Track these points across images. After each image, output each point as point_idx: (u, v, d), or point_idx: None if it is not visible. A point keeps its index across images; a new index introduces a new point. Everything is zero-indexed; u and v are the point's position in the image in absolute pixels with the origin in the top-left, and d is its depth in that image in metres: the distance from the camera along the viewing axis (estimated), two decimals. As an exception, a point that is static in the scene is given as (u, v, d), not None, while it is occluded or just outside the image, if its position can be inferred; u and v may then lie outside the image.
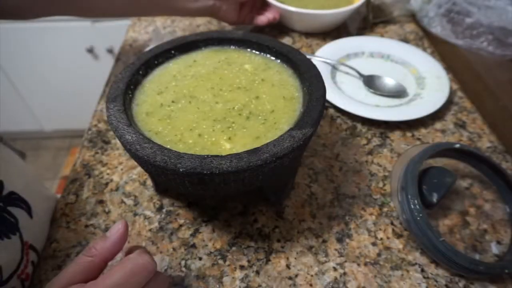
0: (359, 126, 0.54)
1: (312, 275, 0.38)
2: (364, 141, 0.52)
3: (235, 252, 0.40)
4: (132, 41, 0.72)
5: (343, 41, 0.66)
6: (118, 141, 0.52)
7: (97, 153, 0.50)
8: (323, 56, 0.62)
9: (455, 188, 0.45)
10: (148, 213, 0.43)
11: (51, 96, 1.53)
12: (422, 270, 0.38)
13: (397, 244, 0.40)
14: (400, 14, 0.75)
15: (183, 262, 0.39)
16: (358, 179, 0.47)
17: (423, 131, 0.53)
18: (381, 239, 0.41)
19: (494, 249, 0.40)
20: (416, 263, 0.39)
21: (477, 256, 0.39)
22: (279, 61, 0.44)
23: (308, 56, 0.46)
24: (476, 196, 0.45)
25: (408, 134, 0.53)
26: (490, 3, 0.61)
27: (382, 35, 0.72)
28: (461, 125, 0.54)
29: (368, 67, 0.62)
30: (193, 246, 0.40)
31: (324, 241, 0.41)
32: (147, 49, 0.47)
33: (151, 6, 0.57)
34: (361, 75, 0.59)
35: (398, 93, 0.57)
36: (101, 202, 0.45)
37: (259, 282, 0.37)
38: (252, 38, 0.45)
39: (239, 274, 0.38)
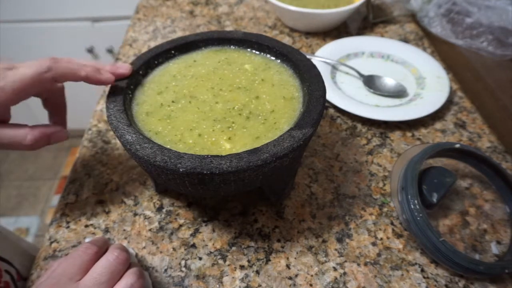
0: (359, 126, 0.54)
1: (312, 275, 0.38)
2: (364, 141, 0.52)
3: (235, 252, 0.40)
4: (132, 41, 0.72)
5: (343, 41, 0.66)
6: (118, 141, 0.52)
7: (97, 153, 0.50)
8: (323, 56, 0.62)
9: (455, 188, 0.45)
10: (148, 213, 0.43)
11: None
12: (422, 270, 0.38)
13: (397, 244, 0.40)
14: (400, 14, 0.75)
15: (183, 262, 0.39)
16: (358, 179, 0.47)
17: (423, 131, 0.53)
18: (381, 239, 0.41)
19: (494, 249, 0.40)
20: (416, 263, 0.39)
21: (477, 256, 0.39)
22: (279, 61, 0.44)
23: (308, 56, 0.46)
24: (476, 196, 0.45)
25: (408, 134, 0.53)
26: (490, 3, 0.61)
27: (382, 35, 0.72)
28: (461, 125, 0.54)
29: (368, 67, 0.62)
30: (193, 246, 0.40)
31: (324, 241, 0.41)
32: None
33: None
34: (361, 75, 0.59)
35: (398, 93, 0.57)
36: (101, 202, 0.45)
37: (259, 282, 0.37)
38: (252, 38, 0.45)
39: (239, 274, 0.38)
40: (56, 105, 0.40)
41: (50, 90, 0.38)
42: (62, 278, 0.29)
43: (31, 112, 0.67)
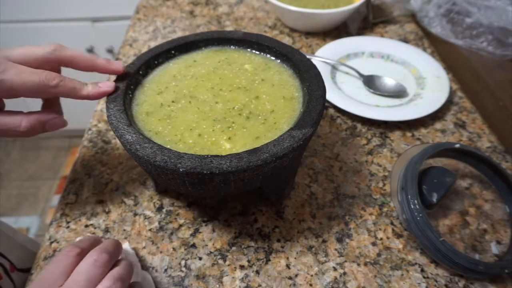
0: (359, 126, 0.54)
1: (312, 275, 0.38)
2: (364, 141, 0.52)
3: (235, 252, 0.40)
4: (132, 41, 0.72)
5: (343, 41, 0.66)
6: (118, 141, 0.52)
7: (97, 153, 0.50)
8: (323, 56, 0.62)
9: (455, 188, 0.45)
10: (148, 213, 0.43)
11: (51, 96, 1.53)
12: (422, 270, 0.38)
13: (397, 244, 0.40)
14: (400, 14, 0.75)
15: (183, 262, 0.39)
16: (358, 179, 0.47)
17: (423, 131, 0.53)
18: (381, 239, 0.41)
19: (494, 249, 0.40)
20: (416, 263, 0.39)
21: (477, 256, 0.39)
22: (279, 61, 0.44)
23: (308, 56, 0.46)
24: (476, 196, 0.45)
25: (408, 134, 0.53)
26: (490, 3, 0.61)
27: (382, 35, 0.72)
28: (461, 125, 0.54)
29: (368, 67, 0.62)
30: (193, 246, 0.40)
31: (324, 241, 0.41)
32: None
33: None
34: (361, 75, 0.59)
35: (398, 93, 0.57)
36: (101, 202, 0.45)
37: (259, 282, 0.37)
38: (252, 38, 0.45)
39: (239, 274, 0.38)
40: (49, 100, 0.39)
41: None
42: (44, 283, 0.28)
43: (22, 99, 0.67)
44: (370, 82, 0.58)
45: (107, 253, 0.31)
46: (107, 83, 0.37)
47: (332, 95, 0.55)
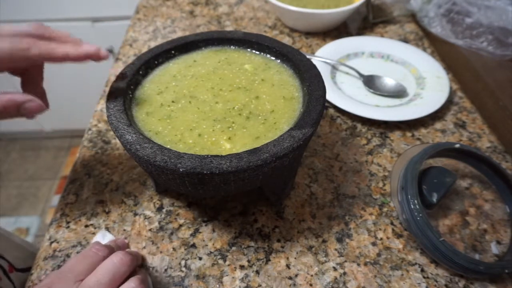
0: (359, 126, 0.54)
1: (312, 275, 0.38)
2: (364, 141, 0.52)
3: (235, 252, 0.40)
4: (132, 41, 0.72)
5: (343, 41, 0.66)
6: (118, 141, 0.52)
7: (97, 153, 0.50)
8: (323, 56, 0.62)
9: (455, 188, 0.45)
10: (148, 213, 0.43)
11: (51, 96, 1.52)
12: (422, 270, 0.38)
13: (397, 244, 0.40)
14: (400, 14, 0.76)
15: (183, 262, 0.39)
16: (358, 179, 0.47)
17: (423, 131, 0.53)
18: (381, 239, 0.41)
19: (494, 249, 0.40)
20: (416, 263, 0.39)
21: (477, 256, 0.39)
22: (279, 61, 0.44)
23: (308, 56, 0.46)
24: (476, 196, 0.45)
25: (408, 134, 0.53)
26: (490, 3, 0.61)
27: (382, 35, 0.72)
28: (461, 125, 0.54)
29: (368, 67, 0.62)
30: (193, 246, 0.40)
31: (324, 241, 0.41)
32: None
33: None
34: (361, 75, 0.59)
35: (398, 93, 0.57)
36: (101, 202, 0.45)
37: (259, 282, 0.37)
38: (252, 38, 0.45)
39: (239, 274, 0.38)
40: (28, 78, 0.36)
41: (25, 68, 0.35)
42: (69, 274, 0.30)
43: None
44: (370, 82, 0.58)
45: (131, 256, 0.32)
46: (88, 45, 0.33)
47: (332, 95, 0.55)
